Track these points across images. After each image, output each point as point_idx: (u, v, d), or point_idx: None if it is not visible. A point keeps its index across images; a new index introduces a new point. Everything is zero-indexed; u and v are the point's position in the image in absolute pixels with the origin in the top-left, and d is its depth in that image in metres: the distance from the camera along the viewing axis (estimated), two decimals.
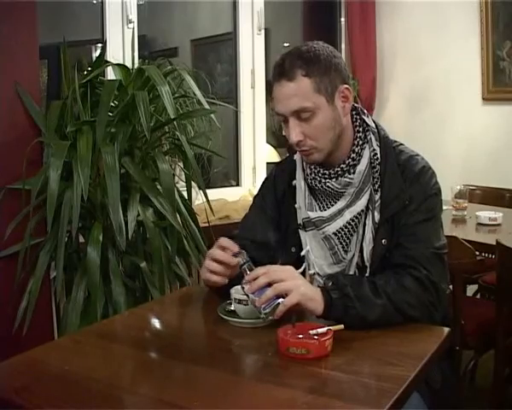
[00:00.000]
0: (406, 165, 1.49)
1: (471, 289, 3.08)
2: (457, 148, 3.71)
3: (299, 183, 1.57)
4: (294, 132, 1.44)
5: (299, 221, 1.57)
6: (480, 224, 2.65)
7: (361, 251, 1.49)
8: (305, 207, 1.55)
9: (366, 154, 1.50)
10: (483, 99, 3.62)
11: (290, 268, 1.36)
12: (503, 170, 3.45)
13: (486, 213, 2.67)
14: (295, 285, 1.29)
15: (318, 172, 1.52)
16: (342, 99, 1.47)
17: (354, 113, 1.54)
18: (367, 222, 1.48)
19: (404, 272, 1.38)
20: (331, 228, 1.50)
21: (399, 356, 1.18)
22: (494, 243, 2.12)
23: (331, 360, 1.17)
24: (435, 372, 1.46)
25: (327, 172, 1.51)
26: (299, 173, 1.58)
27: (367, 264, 1.48)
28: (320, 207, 1.54)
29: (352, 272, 1.51)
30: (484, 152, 3.59)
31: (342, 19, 4.07)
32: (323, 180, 1.51)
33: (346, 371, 1.13)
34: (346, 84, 1.47)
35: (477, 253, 2.20)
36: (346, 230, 1.50)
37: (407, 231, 1.44)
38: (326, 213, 1.51)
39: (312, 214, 1.53)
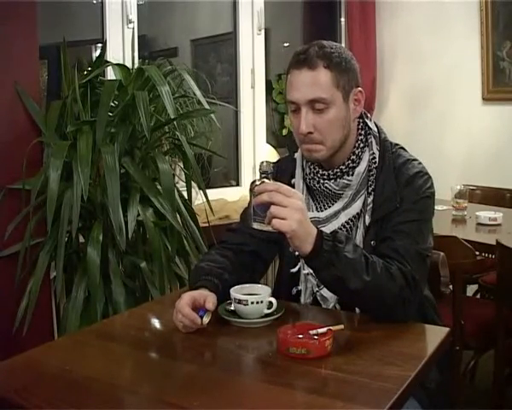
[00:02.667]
0: (401, 168, 1.49)
1: (471, 290, 3.08)
2: (457, 148, 3.70)
3: (298, 182, 1.57)
4: (305, 123, 1.44)
5: None
6: (479, 224, 2.65)
7: None
8: None
9: (366, 157, 1.51)
10: (483, 99, 3.62)
11: (298, 196, 1.30)
12: (503, 170, 3.44)
13: (486, 213, 2.67)
14: (291, 217, 1.26)
15: (317, 172, 1.53)
16: (355, 102, 1.49)
17: (357, 116, 1.55)
18: (359, 225, 1.49)
19: (392, 262, 1.38)
20: (326, 230, 1.48)
21: (399, 356, 1.19)
22: (494, 243, 2.12)
23: (331, 360, 1.17)
24: (431, 371, 1.45)
25: (326, 173, 1.51)
26: (298, 172, 1.59)
27: None
28: (317, 208, 1.54)
29: None
30: (484, 152, 3.58)
31: (342, 19, 4.06)
32: (322, 181, 1.52)
33: (346, 371, 1.13)
34: (360, 89, 1.49)
35: (477, 253, 2.20)
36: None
37: (395, 228, 1.43)
38: (322, 215, 1.52)
39: (309, 214, 1.52)
